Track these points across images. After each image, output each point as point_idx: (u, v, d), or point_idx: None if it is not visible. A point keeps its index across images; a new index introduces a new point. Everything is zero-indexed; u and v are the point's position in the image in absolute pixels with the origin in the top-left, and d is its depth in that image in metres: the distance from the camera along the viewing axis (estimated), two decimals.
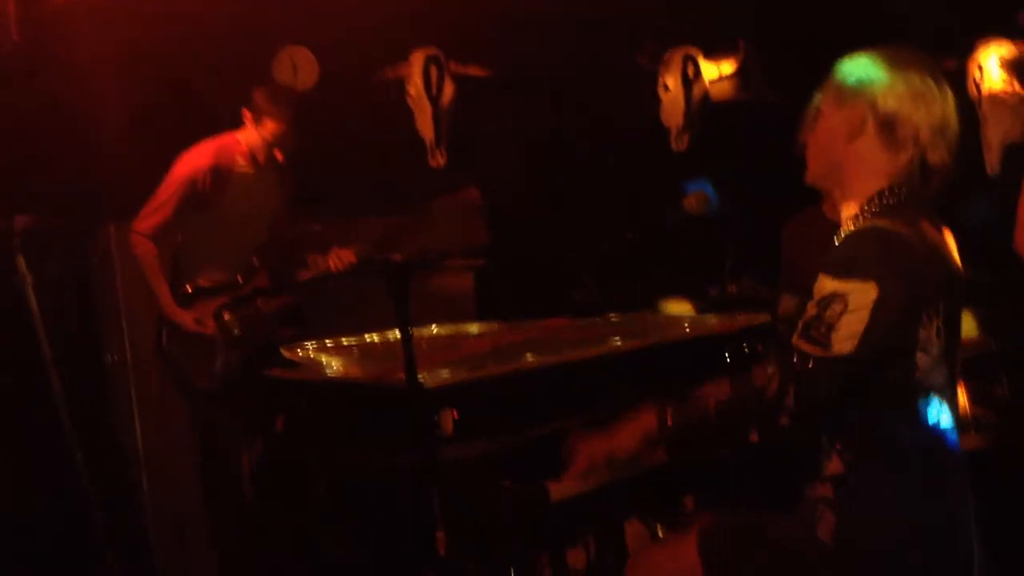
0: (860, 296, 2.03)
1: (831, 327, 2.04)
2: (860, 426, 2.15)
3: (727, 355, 3.00)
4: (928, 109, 2.14)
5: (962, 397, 4.43)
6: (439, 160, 4.96)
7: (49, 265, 4.23)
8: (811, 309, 2.09)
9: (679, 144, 5.13)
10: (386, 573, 2.79)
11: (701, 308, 4.26)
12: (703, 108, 5.15)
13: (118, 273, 4.59)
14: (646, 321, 3.54)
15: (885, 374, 2.10)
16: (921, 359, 2.10)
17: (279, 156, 4.26)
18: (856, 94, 2.17)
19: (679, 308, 4.37)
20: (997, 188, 4.91)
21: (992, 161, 4.97)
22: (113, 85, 4.44)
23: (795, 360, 2.10)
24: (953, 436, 2.20)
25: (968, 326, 5.16)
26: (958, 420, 2.23)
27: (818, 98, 2.25)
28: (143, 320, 4.43)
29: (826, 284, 2.07)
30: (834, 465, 2.17)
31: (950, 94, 2.18)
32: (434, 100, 4.98)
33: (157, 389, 4.52)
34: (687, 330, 3.28)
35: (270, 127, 4.18)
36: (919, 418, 2.14)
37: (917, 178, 2.17)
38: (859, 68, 2.19)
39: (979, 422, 4.38)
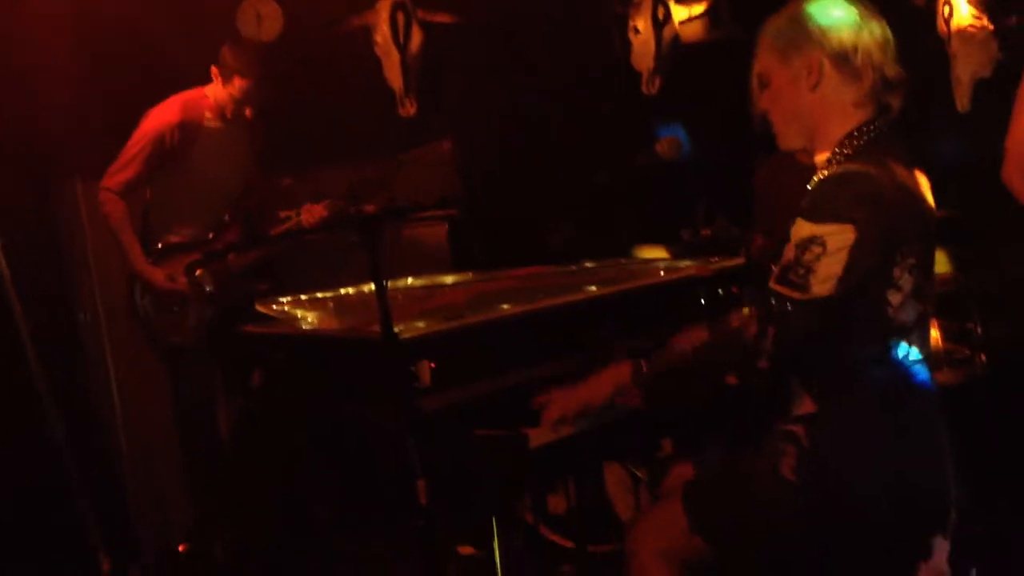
0: (838, 238, 2.05)
1: (810, 270, 2.07)
2: (832, 364, 2.17)
3: (702, 299, 3.01)
4: (869, 29, 2.20)
5: (935, 333, 4.47)
6: (409, 109, 4.91)
7: (17, 225, 4.19)
8: (789, 253, 2.11)
9: (650, 88, 5.10)
10: (368, 523, 2.80)
11: (675, 253, 4.27)
12: (674, 51, 5.11)
13: (87, 231, 4.55)
14: (621, 267, 3.54)
15: (858, 311, 2.12)
16: (893, 296, 2.13)
17: (248, 113, 4.21)
18: (802, 43, 2.20)
19: (653, 253, 4.37)
20: (968, 125, 4.92)
21: (962, 98, 4.96)
22: (76, 42, 4.37)
23: (773, 303, 2.12)
24: (925, 373, 2.23)
25: (940, 263, 5.21)
26: (931, 357, 2.26)
27: (758, 65, 2.28)
28: (114, 277, 4.40)
29: (804, 228, 2.10)
30: (806, 405, 2.20)
31: (875, 9, 2.23)
32: (402, 48, 4.92)
33: (131, 346, 4.50)
34: (662, 275, 3.28)
35: (239, 84, 4.13)
36: (891, 355, 2.17)
37: (883, 102, 2.21)
38: (790, 20, 2.23)
39: (952, 357, 4.43)
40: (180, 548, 4.44)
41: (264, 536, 3.95)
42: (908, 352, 2.18)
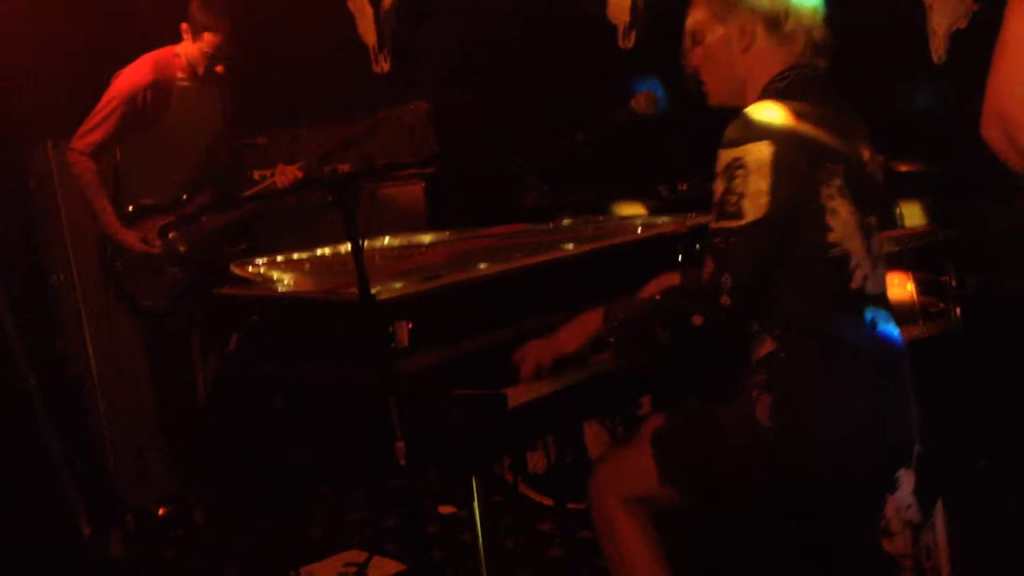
0: (757, 155, 2.13)
1: (741, 195, 2.14)
2: (784, 300, 2.22)
3: (680, 255, 3.01)
4: None
5: (910, 286, 4.50)
6: (383, 66, 4.87)
7: None
8: (719, 186, 2.19)
9: (626, 42, 5.06)
10: (348, 484, 2.81)
11: (653, 209, 4.26)
12: (650, 4, 5.07)
13: (59, 192, 4.50)
14: (598, 224, 3.53)
15: (801, 236, 2.18)
16: (831, 220, 2.18)
17: (219, 69, 4.15)
18: (736, 5, 2.27)
19: (631, 210, 4.36)
20: (944, 77, 4.91)
21: (938, 49, 4.94)
22: (44, 4, 4.30)
23: (718, 241, 2.18)
24: (883, 315, 2.28)
25: (916, 216, 5.24)
26: (887, 303, 2.32)
27: (691, 22, 2.35)
28: (88, 239, 4.37)
29: (724, 156, 2.18)
30: (766, 346, 2.24)
31: None
32: (375, 3, 4.86)
33: (106, 308, 4.47)
34: (639, 232, 3.28)
35: (208, 39, 4.07)
36: (840, 287, 2.22)
37: (810, 60, 2.30)
38: None
39: (927, 311, 4.45)
40: (160, 512, 4.44)
41: (243, 499, 3.96)
42: (863, 288, 2.24)
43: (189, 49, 4.12)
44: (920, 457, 2.29)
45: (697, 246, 3.05)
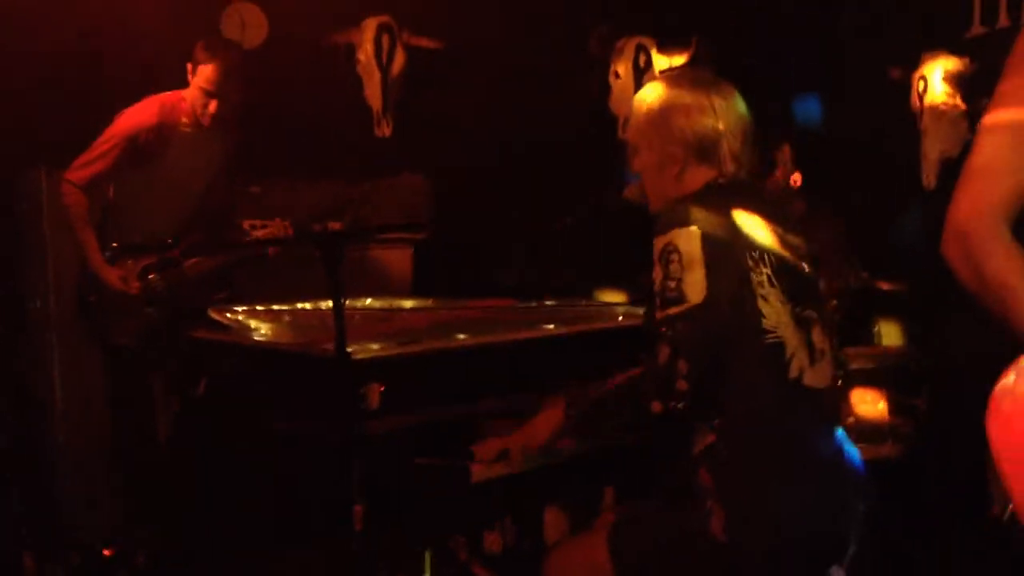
0: (687, 239, 2.22)
1: (679, 280, 2.22)
2: (722, 390, 2.26)
3: None
4: (726, 119, 2.38)
5: (882, 405, 4.51)
6: (385, 130, 4.90)
7: None
8: (657, 274, 2.26)
9: (626, 133, 5.14)
10: (300, 543, 2.76)
11: (635, 299, 4.28)
12: None
13: (46, 221, 4.49)
14: (580, 308, 3.54)
15: (737, 321, 2.24)
16: (764, 307, 2.25)
17: (212, 108, 4.11)
18: (667, 136, 2.39)
19: (613, 297, 4.38)
20: (932, 202, 4.99)
21: (929, 175, 5.03)
22: (56, 32, 4.35)
23: (665, 330, 2.22)
24: (819, 410, 2.33)
25: (892, 336, 5.28)
26: (830, 400, 2.39)
27: (631, 133, 2.49)
28: (70, 269, 4.34)
29: (658, 243, 2.26)
30: (706, 438, 2.29)
31: (735, 93, 2.42)
32: (384, 69, 4.92)
33: (79, 340, 4.43)
34: (620, 320, 3.29)
35: (201, 72, 4.07)
36: (777, 376, 2.27)
37: (730, 167, 2.40)
38: (660, 104, 2.41)
39: (896, 431, 4.47)
40: (105, 552, 4.36)
41: (190, 547, 3.88)
42: (800, 379, 2.28)
43: (191, 89, 4.14)
44: (853, 556, 2.34)
45: None
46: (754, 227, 2.30)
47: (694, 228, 2.22)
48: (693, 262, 2.20)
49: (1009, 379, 1.68)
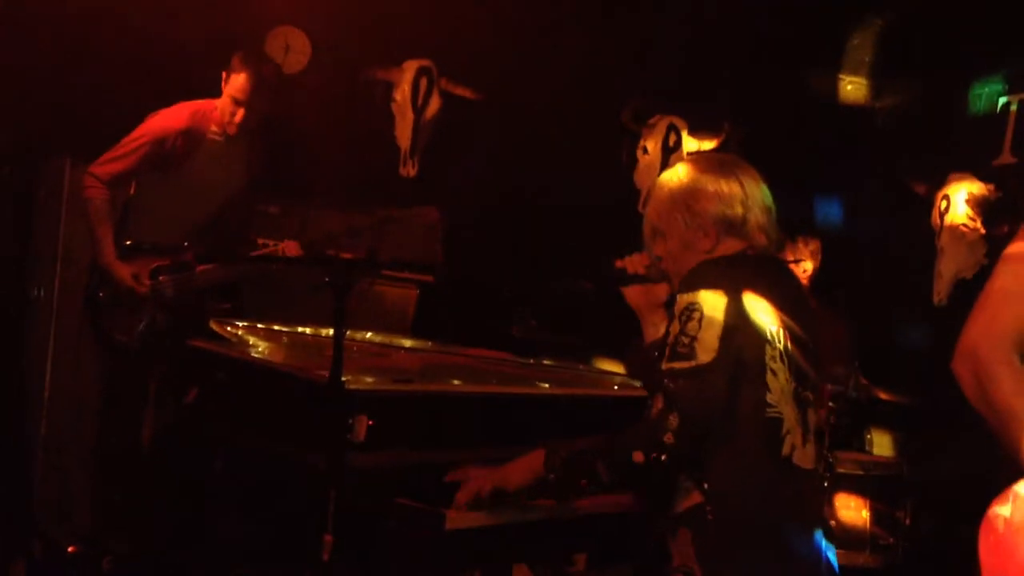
0: (712, 302, 2.23)
1: (693, 338, 2.22)
2: (716, 453, 2.25)
3: None
4: (755, 198, 2.40)
5: (865, 513, 4.48)
6: (410, 170, 4.95)
7: None
8: (674, 327, 2.27)
9: (645, 211, 5.17)
10: (266, 563, 2.74)
11: (633, 372, 4.27)
12: None
13: (64, 212, 4.51)
14: (577, 372, 3.54)
15: (742, 390, 2.24)
16: (771, 381, 2.26)
17: (238, 117, 4.14)
18: (692, 218, 2.40)
19: (611, 367, 4.37)
20: (941, 320, 4.99)
21: (941, 292, 5.05)
22: (101, 34, 4.43)
23: (667, 382, 2.22)
24: (805, 488, 2.32)
25: (884, 445, 5.25)
26: (815, 485, 2.37)
27: (655, 217, 2.48)
28: (79, 263, 4.35)
29: (682, 299, 2.27)
30: (693, 498, 2.27)
31: (759, 177, 2.45)
32: (418, 111, 4.98)
33: (77, 334, 4.43)
34: (615, 389, 3.29)
35: (233, 81, 4.11)
36: (771, 450, 2.26)
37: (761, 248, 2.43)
38: (685, 188, 2.42)
39: (876, 542, 4.43)
40: (70, 549, 4.32)
41: (158, 558, 3.85)
42: (791, 456, 2.28)
43: (222, 99, 4.18)
44: None
45: None
46: (778, 300, 2.31)
47: (720, 293, 2.24)
48: (712, 324, 2.22)
49: (1004, 506, 1.71)
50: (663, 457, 2.20)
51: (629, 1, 5.15)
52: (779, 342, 2.29)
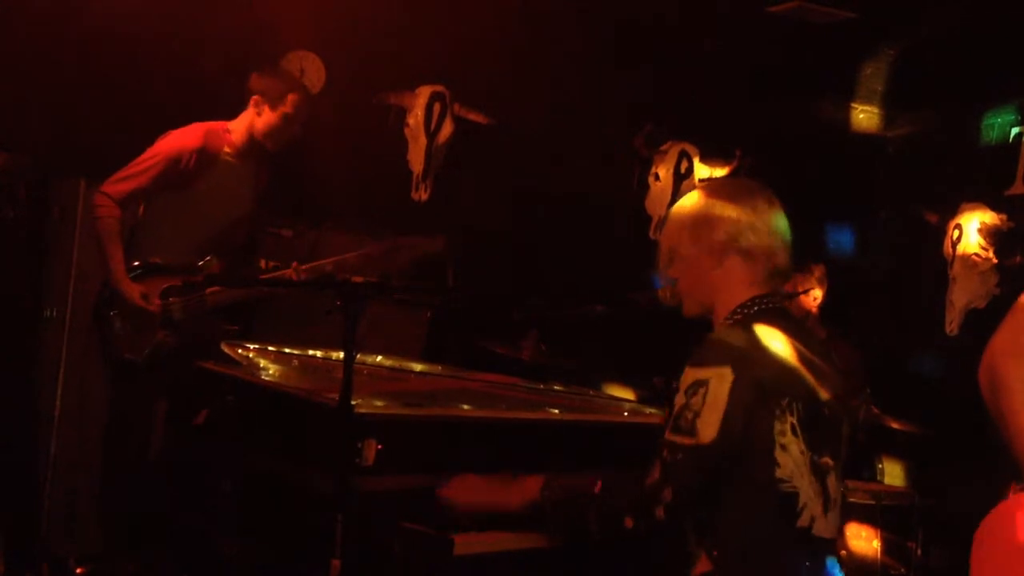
0: (718, 380, 2.22)
1: (696, 414, 2.21)
2: (727, 524, 2.24)
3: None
4: (765, 222, 2.40)
5: (876, 543, 4.45)
6: (422, 194, 4.96)
7: (9, 206, 4.19)
8: (679, 400, 2.26)
9: (658, 234, 5.18)
10: None
11: (642, 397, 4.26)
12: None
13: (77, 231, 4.52)
14: (587, 398, 3.53)
15: (750, 466, 2.23)
16: (781, 456, 2.23)
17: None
18: (708, 244, 2.40)
19: (621, 393, 4.37)
20: (952, 349, 4.98)
21: (953, 322, 5.04)
22: (117, 56, 4.47)
23: (666, 454, 2.22)
24: (825, 561, 2.29)
25: (896, 475, 5.22)
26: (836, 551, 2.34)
27: (669, 240, 2.49)
28: (91, 282, 4.36)
29: (689, 374, 2.26)
30: (702, 565, 2.25)
31: (778, 203, 2.45)
32: (431, 135, 5.00)
33: (88, 353, 4.43)
34: (625, 416, 3.28)
35: (291, 99, 4.11)
36: (786, 524, 2.24)
37: (772, 284, 2.41)
38: (700, 214, 2.43)
39: (887, 573, 4.40)
40: (78, 570, 4.31)
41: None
42: (811, 528, 2.26)
43: (254, 122, 4.18)
44: None
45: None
46: (795, 365, 2.29)
47: (728, 370, 2.21)
48: (716, 404, 2.20)
49: (996, 519, 1.78)
50: (652, 529, 2.22)
51: (642, 30, 5.18)
52: (792, 415, 2.26)
